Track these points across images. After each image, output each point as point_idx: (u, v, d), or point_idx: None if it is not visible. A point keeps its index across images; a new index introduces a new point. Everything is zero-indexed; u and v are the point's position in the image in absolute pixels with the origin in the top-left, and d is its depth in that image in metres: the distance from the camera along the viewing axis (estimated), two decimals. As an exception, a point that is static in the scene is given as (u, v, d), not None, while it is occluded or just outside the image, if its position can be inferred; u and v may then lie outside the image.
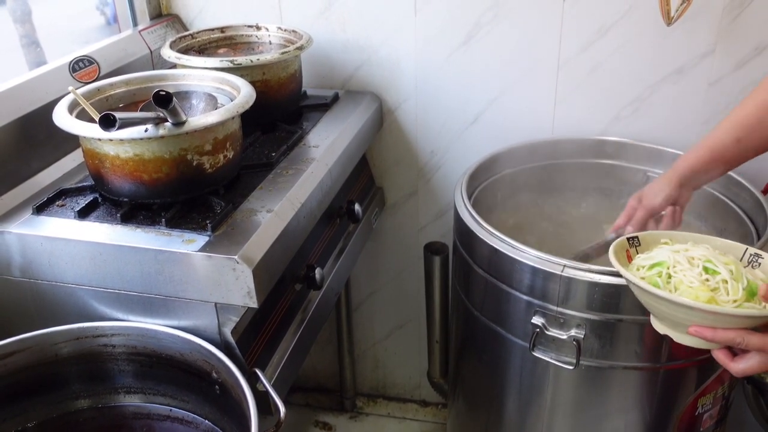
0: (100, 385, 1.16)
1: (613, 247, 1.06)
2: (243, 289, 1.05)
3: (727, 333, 0.91)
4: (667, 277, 0.98)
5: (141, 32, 1.65)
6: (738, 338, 0.91)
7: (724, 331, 0.92)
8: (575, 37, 1.60)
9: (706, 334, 0.93)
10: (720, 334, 0.92)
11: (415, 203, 1.90)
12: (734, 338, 0.91)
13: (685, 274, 0.97)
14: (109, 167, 1.12)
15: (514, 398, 1.43)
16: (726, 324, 0.92)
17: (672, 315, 0.97)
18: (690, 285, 0.96)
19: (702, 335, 0.93)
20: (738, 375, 0.95)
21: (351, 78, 1.77)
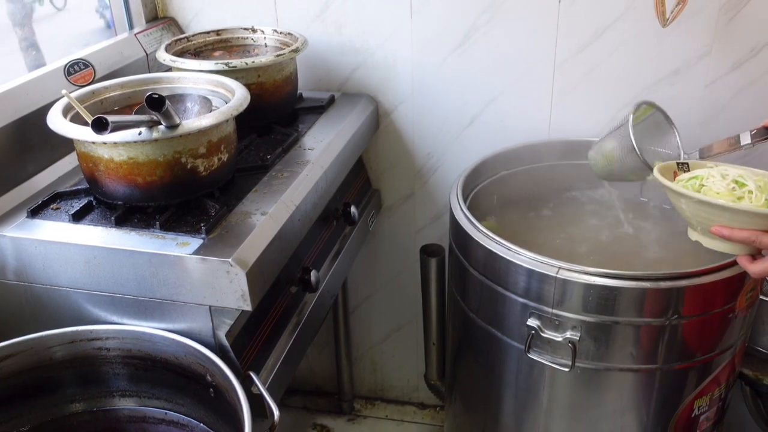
0: (95, 388, 1.16)
1: (660, 167, 1.17)
2: (237, 292, 1.05)
3: (743, 232, 1.01)
4: (699, 186, 1.10)
5: (137, 35, 1.65)
6: (752, 236, 1.00)
7: (740, 230, 1.01)
8: (571, 39, 1.60)
9: (724, 233, 1.03)
10: (736, 233, 1.02)
11: (412, 205, 1.90)
12: (749, 237, 1.01)
13: (715, 183, 1.09)
14: (104, 170, 1.12)
15: (510, 400, 1.43)
16: (742, 223, 1.02)
17: (697, 216, 1.08)
18: (717, 192, 1.07)
19: (721, 234, 1.03)
20: (755, 276, 1.05)
21: (347, 80, 1.77)
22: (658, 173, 1.15)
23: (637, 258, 1.47)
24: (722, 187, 1.07)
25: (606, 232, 1.54)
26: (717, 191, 1.07)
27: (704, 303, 1.22)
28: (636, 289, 1.19)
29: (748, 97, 1.57)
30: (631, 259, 1.46)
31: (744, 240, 1.02)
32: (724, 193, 1.06)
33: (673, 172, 1.19)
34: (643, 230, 1.56)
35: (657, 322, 1.21)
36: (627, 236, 1.54)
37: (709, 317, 1.24)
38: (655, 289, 1.18)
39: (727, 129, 1.60)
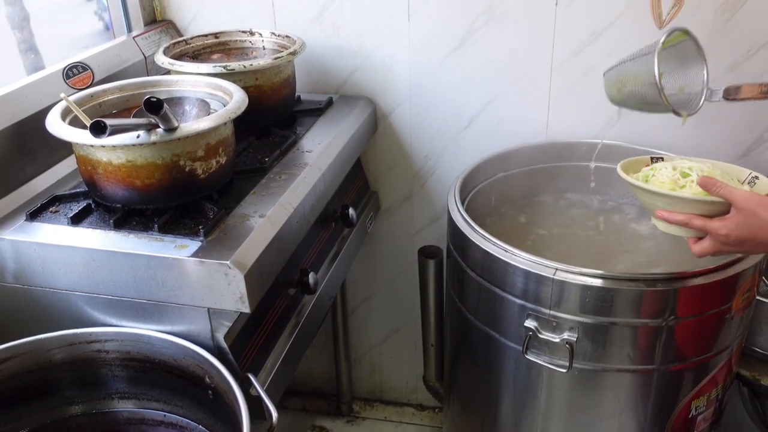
0: (94, 390, 1.16)
1: (630, 161, 1.25)
2: (235, 295, 1.06)
3: (679, 216, 1.11)
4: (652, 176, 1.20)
5: (135, 38, 1.66)
6: (686, 219, 1.11)
7: (677, 214, 1.12)
8: (568, 41, 1.61)
9: (664, 215, 1.13)
10: (674, 215, 1.12)
11: (410, 207, 1.91)
12: (683, 220, 1.11)
13: (663, 173, 1.18)
14: (102, 173, 1.13)
15: (508, 401, 1.43)
16: (679, 208, 1.12)
17: (647, 203, 1.18)
18: (662, 181, 1.17)
19: (662, 217, 1.14)
20: (696, 256, 1.13)
21: (345, 83, 1.78)
22: (620, 169, 1.23)
23: (635, 259, 1.47)
24: (667, 177, 1.17)
25: (603, 234, 1.55)
26: (662, 181, 1.17)
27: (700, 304, 1.22)
28: (633, 290, 1.19)
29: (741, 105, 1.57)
30: (629, 260, 1.47)
31: (680, 222, 1.12)
32: (668, 182, 1.16)
33: (645, 165, 1.26)
34: (641, 231, 1.56)
35: (654, 323, 1.22)
36: (624, 237, 1.55)
37: (706, 318, 1.25)
38: (651, 291, 1.19)
39: (724, 130, 1.62)
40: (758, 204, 1.04)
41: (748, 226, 1.04)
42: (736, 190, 1.07)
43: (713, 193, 1.09)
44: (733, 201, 1.06)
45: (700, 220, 1.09)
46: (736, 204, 1.05)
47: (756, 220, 1.04)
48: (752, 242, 1.06)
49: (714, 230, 1.07)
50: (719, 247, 1.09)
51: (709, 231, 1.08)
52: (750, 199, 1.05)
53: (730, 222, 1.06)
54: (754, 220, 1.04)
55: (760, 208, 1.03)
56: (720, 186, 1.08)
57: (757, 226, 1.04)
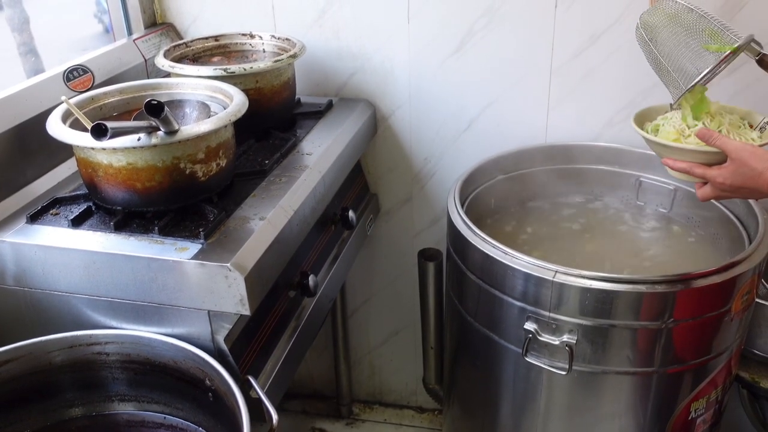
0: (94, 393, 1.16)
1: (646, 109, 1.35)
2: (235, 297, 1.06)
3: (682, 163, 1.21)
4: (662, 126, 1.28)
5: (135, 41, 1.66)
6: (688, 167, 1.20)
7: (680, 162, 1.21)
8: (567, 44, 1.61)
9: (668, 163, 1.23)
10: (678, 163, 1.21)
11: (410, 210, 1.91)
12: (685, 167, 1.20)
13: (671, 122, 1.27)
14: (103, 176, 1.13)
15: (508, 404, 1.43)
16: (681, 156, 1.21)
17: (656, 151, 1.27)
18: (668, 131, 1.25)
19: (666, 164, 1.24)
20: (700, 198, 1.22)
21: (345, 85, 1.78)
22: (633, 121, 1.30)
23: (634, 261, 1.47)
24: (674, 127, 1.25)
25: (602, 236, 1.55)
26: (668, 131, 1.25)
27: (699, 306, 1.23)
28: (632, 292, 1.19)
29: (744, 101, 1.57)
30: (628, 263, 1.47)
31: (682, 170, 1.21)
32: (673, 132, 1.24)
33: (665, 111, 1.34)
34: (640, 233, 1.57)
35: (653, 325, 1.22)
36: (624, 239, 1.55)
37: (705, 320, 1.25)
38: (651, 293, 1.19)
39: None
40: (749, 154, 1.12)
41: (740, 175, 1.13)
42: (730, 141, 1.15)
43: (709, 143, 1.17)
44: (727, 151, 1.14)
45: (701, 168, 1.18)
46: (730, 154, 1.14)
47: (747, 170, 1.12)
48: (746, 189, 1.15)
49: (712, 178, 1.17)
50: (718, 192, 1.18)
51: (708, 178, 1.17)
52: (741, 149, 1.13)
53: (725, 171, 1.15)
54: (746, 170, 1.12)
55: (751, 158, 1.12)
56: (716, 138, 1.16)
57: (749, 175, 1.12)
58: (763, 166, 1.11)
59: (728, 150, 1.14)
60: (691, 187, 1.49)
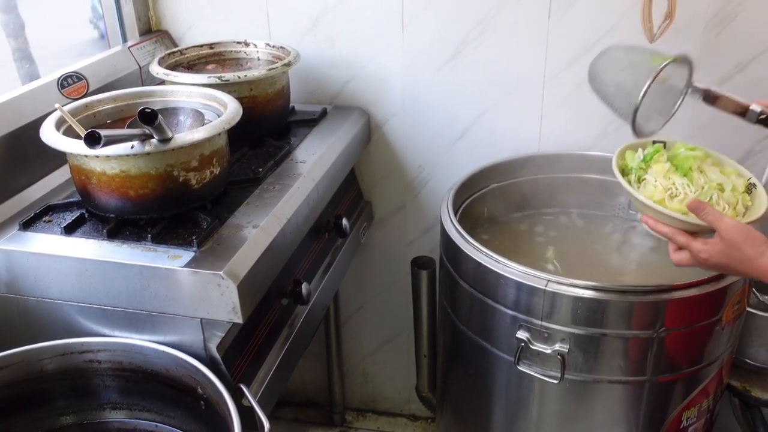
0: (86, 401, 1.16)
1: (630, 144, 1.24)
2: (228, 305, 1.06)
3: (663, 227, 1.11)
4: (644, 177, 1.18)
5: (130, 48, 1.66)
6: (670, 233, 1.10)
7: (661, 224, 1.11)
8: (561, 53, 1.62)
9: (648, 222, 1.13)
10: (659, 226, 1.12)
11: (404, 218, 1.91)
12: (666, 233, 1.11)
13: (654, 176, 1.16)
14: (96, 183, 1.13)
15: (500, 412, 1.43)
16: (664, 219, 1.11)
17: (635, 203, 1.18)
18: (654, 185, 1.15)
19: (646, 223, 1.14)
20: (674, 263, 1.12)
21: (339, 93, 1.79)
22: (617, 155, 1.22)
23: (626, 270, 1.48)
24: (660, 182, 1.15)
25: (595, 245, 1.55)
26: (654, 185, 1.15)
27: (691, 315, 1.23)
28: (624, 301, 1.20)
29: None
30: (621, 271, 1.48)
31: (663, 235, 1.12)
32: (660, 190, 1.14)
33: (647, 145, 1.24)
34: (632, 243, 1.57)
35: (645, 334, 1.23)
36: (616, 249, 1.56)
37: (696, 329, 1.26)
38: (642, 302, 1.20)
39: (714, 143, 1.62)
40: (743, 238, 1.03)
41: (728, 257, 1.04)
42: (724, 218, 1.05)
43: (701, 217, 1.07)
44: (719, 229, 1.05)
45: (684, 237, 1.09)
46: (721, 233, 1.04)
47: (737, 253, 1.03)
48: (730, 270, 1.08)
49: (696, 251, 1.07)
50: (697, 264, 1.09)
51: (691, 250, 1.08)
52: (734, 230, 1.03)
53: (711, 248, 1.06)
54: (736, 253, 1.03)
55: (744, 243, 1.03)
56: (708, 212, 1.06)
57: (738, 259, 1.03)
58: (755, 251, 1.02)
59: (720, 228, 1.04)
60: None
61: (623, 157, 1.21)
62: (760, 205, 1.13)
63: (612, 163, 1.19)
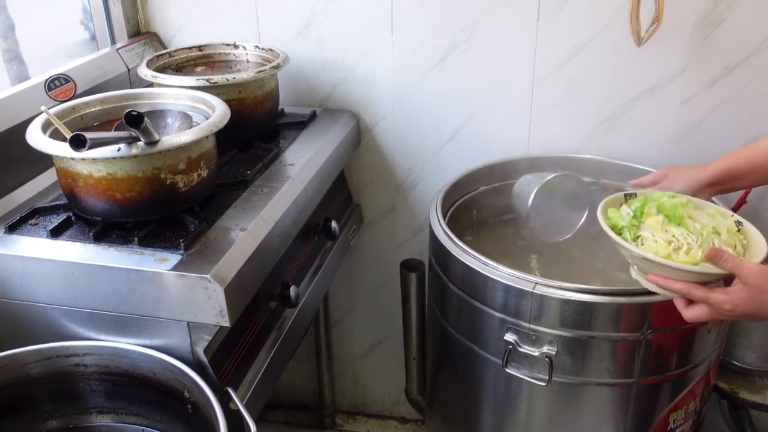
0: (72, 405, 1.15)
1: (607, 200, 1.18)
2: (215, 308, 1.05)
3: (677, 284, 1.03)
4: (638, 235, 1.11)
5: (119, 50, 1.66)
6: (684, 289, 1.03)
7: (674, 281, 1.04)
8: (549, 57, 1.62)
9: (659, 282, 1.05)
10: (671, 283, 1.04)
11: (393, 220, 1.91)
12: (681, 289, 1.03)
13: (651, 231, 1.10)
14: (83, 186, 1.13)
15: (489, 415, 1.43)
16: (676, 276, 1.04)
17: (636, 262, 1.10)
18: (655, 240, 1.08)
19: (656, 282, 1.06)
20: (688, 320, 1.05)
21: (329, 96, 1.79)
22: (600, 213, 1.14)
23: (615, 272, 1.48)
24: (659, 235, 1.08)
25: (584, 247, 1.55)
26: (654, 240, 1.08)
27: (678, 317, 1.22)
28: (611, 304, 1.20)
29: (722, 115, 1.60)
30: (609, 274, 1.48)
31: (677, 291, 1.04)
32: (662, 244, 1.06)
33: (620, 204, 1.18)
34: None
35: (632, 336, 1.23)
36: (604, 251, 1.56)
37: (683, 331, 1.26)
38: (630, 304, 1.20)
39: (702, 146, 1.64)
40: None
41: (756, 303, 0.97)
42: (744, 262, 0.99)
43: (719, 266, 1.00)
44: (741, 276, 0.98)
45: (701, 290, 1.01)
46: (746, 279, 0.98)
47: (766, 298, 0.97)
48: (757, 316, 1.00)
49: (717, 303, 1.00)
50: (718, 317, 1.03)
51: (711, 303, 1.01)
52: (759, 274, 0.97)
53: (736, 297, 0.98)
54: (765, 298, 0.97)
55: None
56: (727, 259, 0.99)
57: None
58: None
59: (742, 274, 0.98)
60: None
61: (608, 216, 1.15)
62: (758, 242, 1.09)
63: (602, 226, 1.12)
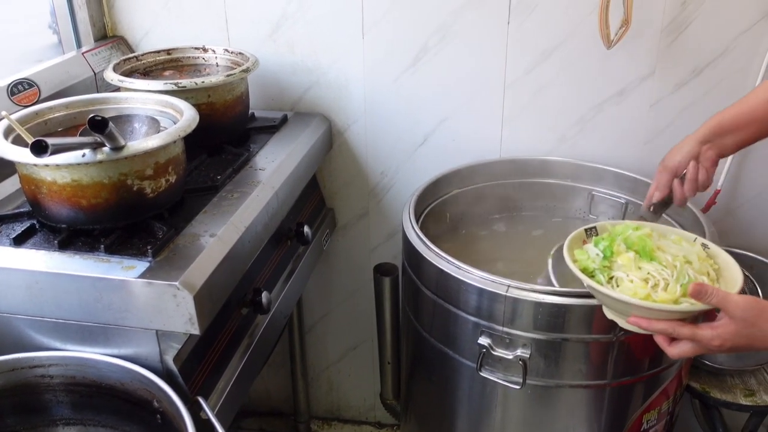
0: (37, 417, 1.12)
1: (569, 239, 1.14)
2: (184, 316, 1.03)
3: (660, 324, 1.01)
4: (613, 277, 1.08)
5: (84, 54, 1.63)
6: (669, 329, 1.00)
7: (657, 322, 1.01)
8: (520, 60, 1.63)
9: (642, 324, 1.02)
10: (654, 324, 1.01)
11: (367, 224, 1.91)
12: (666, 329, 1.00)
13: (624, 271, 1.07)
14: (46, 193, 1.10)
15: (464, 419, 1.43)
16: (658, 316, 1.01)
17: (614, 306, 1.07)
18: (631, 280, 1.05)
19: (638, 325, 1.03)
20: (673, 357, 1.03)
21: (300, 100, 1.77)
22: (568, 258, 1.10)
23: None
24: (636, 278, 1.04)
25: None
26: (631, 280, 1.04)
27: (649, 319, 1.24)
28: (584, 306, 1.20)
29: (690, 117, 1.61)
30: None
31: (662, 332, 1.01)
32: (639, 284, 1.03)
33: (583, 241, 1.16)
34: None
35: (605, 338, 1.23)
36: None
37: (655, 332, 1.27)
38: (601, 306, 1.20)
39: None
40: (757, 313, 0.93)
41: (745, 337, 0.94)
42: (730, 295, 0.95)
43: (705, 302, 0.96)
44: (728, 310, 0.95)
45: (687, 327, 0.98)
46: (733, 314, 0.94)
47: (755, 331, 0.94)
48: (747, 349, 0.97)
49: (705, 340, 0.97)
50: (705, 352, 1.00)
51: (698, 340, 0.98)
52: (747, 308, 0.94)
53: (723, 332, 0.95)
54: (754, 331, 0.94)
55: (760, 319, 0.93)
56: (712, 294, 0.95)
57: (758, 337, 0.94)
58: None
59: (728, 309, 0.94)
60: (641, 198, 1.41)
61: (575, 258, 1.11)
62: (730, 266, 1.07)
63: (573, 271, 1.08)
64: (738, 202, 1.69)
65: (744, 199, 1.68)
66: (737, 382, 1.59)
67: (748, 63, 1.54)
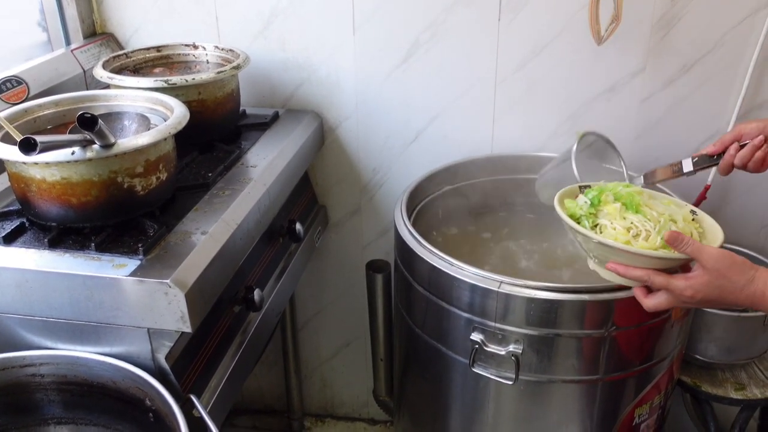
0: (28, 416, 1.12)
1: (563, 191, 1.17)
2: (176, 314, 1.03)
3: (637, 271, 1.02)
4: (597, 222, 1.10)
5: (73, 51, 1.62)
6: (645, 276, 1.02)
7: (634, 269, 1.03)
8: (511, 56, 1.63)
9: (619, 270, 1.04)
10: (631, 271, 1.03)
11: (359, 221, 1.90)
12: (641, 276, 1.02)
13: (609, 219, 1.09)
14: (36, 191, 1.09)
15: (456, 414, 1.43)
16: (637, 262, 1.03)
17: (594, 251, 1.09)
18: (614, 228, 1.07)
19: (616, 270, 1.05)
20: (648, 309, 1.05)
21: (291, 97, 1.77)
22: (557, 203, 1.14)
23: (579, 269, 1.49)
24: (620, 226, 1.06)
25: (547, 245, 1.56)
26: (614, 227, 1.07)
27: (641, 313, 1.24)
28: (576, 301, 1.21)
29: (680, 112, 1.62)
30: (575, 272, 1.49)
31: (638, 278, 1.03)
32: (621, 231, 1.06)
33: (575, 195, 1.17)
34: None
35: (597, 333, 1.24)
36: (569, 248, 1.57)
37: (647, 327, 1.27)
38: (594, 301, 1.21)
39: (662, 143, 1.66)
40: (729, 265, 0.96)
41: (716, 288, 0.97)
42: (705, 247, 0.98)
43: (680, 250, 0.99)
44: (701, 261, 0.97)
45: (661, 277, 1.01)
46: (705, 264, 0.97)
47: (726, 283, 0.96)
48: (718, 303, 1.00)
49: (679, 290, 0.99)
50: (679, 304, 1.03)
51: (672, 290, 1.00)
52: (719, 258, 0.96)
53: (696, 282, 0.98)
54: (724, 282, 0.97)
55: (731, 270, 0.96)
56: (687, 243, 0.98)
57: (728, 289, 0.97)
58: (744, 278, 0.96)
59: (702, 259, 0.97)
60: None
61: (564, 206, 1.14)
62: (714, 229, 1.09)
63: (560, 215, 1.11)
64: (728, 197, 1.70)
65: (734, 195, 1.69)
66: (728, 376, 1.60)
67: (737, 59, 1.55)
